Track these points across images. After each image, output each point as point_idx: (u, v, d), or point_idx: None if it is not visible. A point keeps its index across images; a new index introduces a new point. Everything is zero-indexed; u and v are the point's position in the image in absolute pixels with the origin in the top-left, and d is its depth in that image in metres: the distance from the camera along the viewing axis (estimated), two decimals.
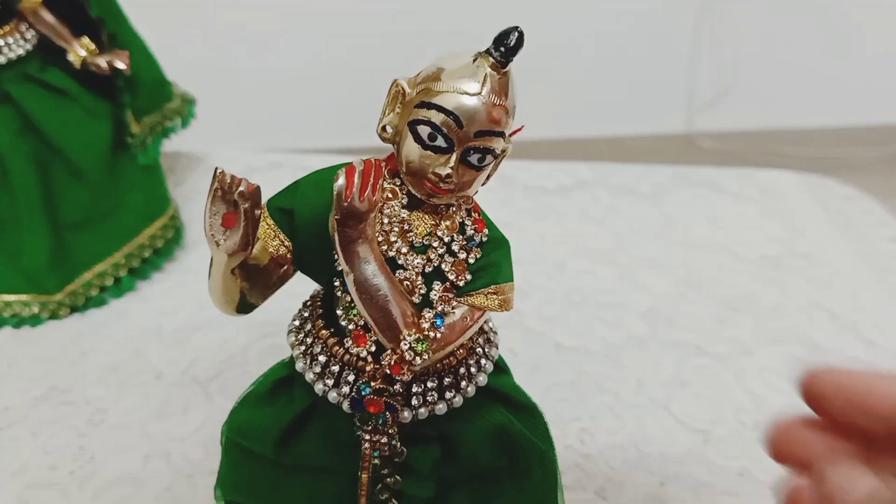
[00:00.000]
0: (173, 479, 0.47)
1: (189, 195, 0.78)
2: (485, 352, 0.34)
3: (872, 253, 0.73)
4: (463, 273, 0.31)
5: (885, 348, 0.61)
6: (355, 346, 0.31)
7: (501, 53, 0.27)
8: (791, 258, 0.72)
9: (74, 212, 0.62)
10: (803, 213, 0.79)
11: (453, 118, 0.27)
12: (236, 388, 0.37)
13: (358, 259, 0.29)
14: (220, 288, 0.30)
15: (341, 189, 0.27)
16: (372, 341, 0.31)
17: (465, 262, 0.31)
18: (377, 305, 0.29)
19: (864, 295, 0.67)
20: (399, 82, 0.29)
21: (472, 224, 0.31)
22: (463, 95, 0.27)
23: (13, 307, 0.61)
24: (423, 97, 0.28)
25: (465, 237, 0.31)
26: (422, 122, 0.28)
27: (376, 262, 0.29)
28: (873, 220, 0.79)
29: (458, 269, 0.31)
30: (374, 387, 0.31)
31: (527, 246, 0.73)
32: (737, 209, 0.80)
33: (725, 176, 0.84)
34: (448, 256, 0.31)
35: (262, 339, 0.59)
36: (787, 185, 0.84)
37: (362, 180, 0.27)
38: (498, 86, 0.28)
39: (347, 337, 0.31)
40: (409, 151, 0.29)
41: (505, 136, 0.29)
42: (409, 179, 0.29)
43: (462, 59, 0.28)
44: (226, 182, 0.27)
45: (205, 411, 0.52)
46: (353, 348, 0.31)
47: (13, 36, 0.57)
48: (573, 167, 0.87)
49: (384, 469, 0.33)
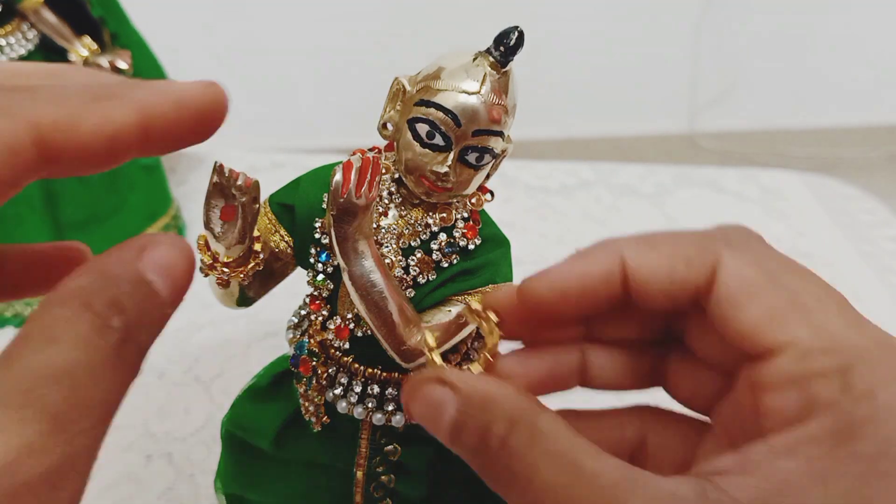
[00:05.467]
0: (175, 478, 0.47)
1: (191, 195, 0.78)
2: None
3: (874, 253, 0.73)
4: (428, 271, 0.31)
5: None
6: (336, 337, 0.31)
7: (501, 53, 0.27)
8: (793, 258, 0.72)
9: (76, 211, 0.62)
10: (805, 213, 0.79)
11: (452, 117, 0.27)
12: (238, 387, 0.37)
13: (354, 255, 0.29)
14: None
15: (338, 185, 0.27)
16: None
17: (434, 262, 0.31)
18: (373, 301, 0.29)
19: (866, 295, 0.67)
20: (400, 80, 0.29)
21: (462, 227, 0.31)
22: (462, 94, 0.27)
23: (15, 307, 0.61)
24: (423, 95, 0.28)
25: (448, 239, 0.31)
26: (420, 120, 0.28)
27: (373, 258, 0.29)
28: (875, 220, 0.78)
29: (423, 266, 0.30)
30: (310, 346, 0.31)
31: (529, 246, 0.73)
32: (739, 209, 0.80)
33: (727, 176, 0.84)
34: (420, 251, 0.31)
35: (265, 339, 0.59)
36: (789, 184, 0.84)
37: (359, 176, 0.28)
38: (498, 85, 0.28)
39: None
40: (407, 149, 0.29)
41: (504, 136, 0.29)
42: (407, 177, 0.30)
43: (462, 59, 0.28)
44: (224, 175, 0.27)
45: (207, 411, 0.52)
46: (332, 338, 0.31)
47: (14, 35, 0.57)
48: (575, 167, 0.87)
49: (379, 467, 0.33)
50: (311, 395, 0.32)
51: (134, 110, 0.21)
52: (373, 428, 0.33)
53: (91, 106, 0.20)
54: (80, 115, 0.20)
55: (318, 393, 0.32)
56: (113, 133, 0.20)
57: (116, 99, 0.21)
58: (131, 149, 0.21)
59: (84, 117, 0.20)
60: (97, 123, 0.20)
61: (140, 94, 0.21)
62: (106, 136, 0.20)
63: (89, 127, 0.20)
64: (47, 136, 0.19)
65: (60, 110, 0.20)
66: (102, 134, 0.20)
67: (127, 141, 0.21)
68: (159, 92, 0.22)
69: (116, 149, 0.21)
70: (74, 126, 0.20)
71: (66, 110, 0.20)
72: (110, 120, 0.20)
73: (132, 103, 0.21)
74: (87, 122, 0.20)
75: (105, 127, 0.20)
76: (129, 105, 0.21)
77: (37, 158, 0.19)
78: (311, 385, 0.32)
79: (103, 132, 0.20)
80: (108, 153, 0.21)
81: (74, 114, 0.20)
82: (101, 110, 0.20)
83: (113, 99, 0.21)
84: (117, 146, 0.21)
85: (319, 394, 0.32)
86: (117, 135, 0.20)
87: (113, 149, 0.21)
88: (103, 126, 0.20)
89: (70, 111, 0.20)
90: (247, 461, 0.36)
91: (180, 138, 0.22)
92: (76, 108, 0.20)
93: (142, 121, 0.21)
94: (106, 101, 0.20)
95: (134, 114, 0.21)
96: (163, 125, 0.21)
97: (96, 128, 0.20)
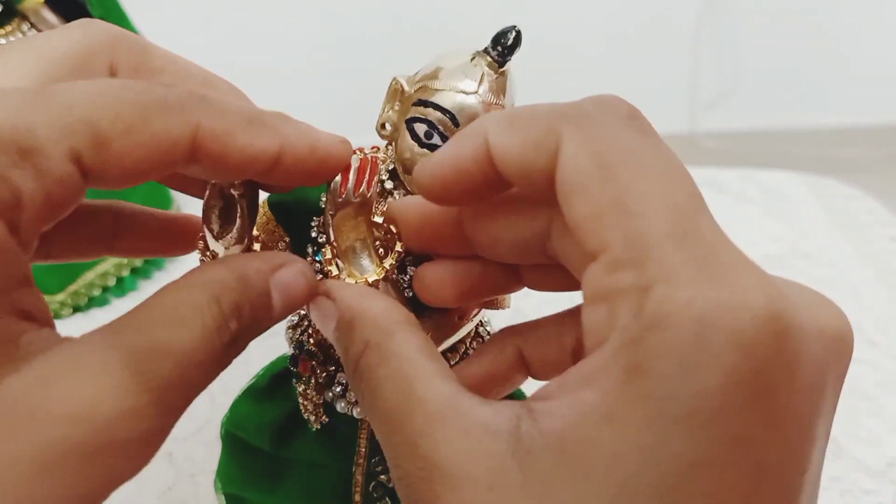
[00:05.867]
0: (175, 478, 0.47)
1: None
2: None
3: (874, 253, 0.73)
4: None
5: (888, 348, 0.60)
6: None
7: (499, 52, 0.27)
8: (793, 258, 0.72)
9: None
10: (805, 213, 0.79)
11: (450, 116, 0.27)
12: (239, 388, 0.37)
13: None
14: None
15: (336, 184, 0.27)
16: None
17: None
18: None
19: (866, 295, 0.67)
20: (398, 80, 0.29)
21: None
22: (460, 94, 0.27)
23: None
24: (421, 95, 0.28)
25: None
26: (418, 120, 0.28)
27: None
28: (876, 220, 0.78)
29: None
30: (309, 346, 0.31)
31: None
32: (739, 209, 0.80)
33: (727, 176, 0.84)
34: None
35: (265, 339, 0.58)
36: (789, 185, 0.84)
37: (357, 176, 0.28)
38: (496, 85, 0.28)
39: None
40: (405, 149, 0.29)
41: None
42: (406, 177, 0.30)
43: (460, 58, 0.28)
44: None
45: (207, 411, 0.52)
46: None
47: (15, 36, 0.57)
48: None
49: (378, 467, 0.33)
50: (310, 395, 0.33)
51: (278, 143, 0.23)
52: (372, 428, 0.33)
53: (245, 127, 0.22)
54: (234, 133, 0.22)
55: (317, 392, 0.32)
56: (254, 155, 0.22)
57: (267, 128, 0.23)
58: (262, 174, 0.23)
59: (237, 135, 0.22)
60: (246, 144, 0.22)
61: (287, 130, 0.23)
62: (248, 156, 0.22)
63: (239, 144, 0.22)
64: (203, 141, 0.22)
65: (221, 124, 0.22)
66: (246, 153, 0.22)
67: (262, 166, 0.23)
68: (302, 133, 0.24)
69: (250, 169, 0.23)
70: (229, 140, 0.22)
71: (225, 125, 0.22)
72: (257, 144, 0.22)
73: (278, 136, 0.23)
74: (239, 140, 0.22)
75: (250, 149, 0.22)
76: (276, 137, 0.23)
77: (187, 157, 0.22)
78: (310, 384, 0.32)
79: (247, 152, 0.22)
80: (240, 170, 0.23)
81: (230, 130, 0.22)
82: (252, 132, 0.22)
83: (264, 127, 0.23)
84: (253, 167, 0.23)
85: (318, 393, 0.32)
86: (257, 158, 0.23)
87: (246, 168, 0.23)
88: (249, 148, 0.22)
89: (227, 127, 0.22)
90: (246, 461, 0.36)
91: (297, 178, 0.25)
92: (233, 125, 0.22)
93: (280, 153, 0.23)
94: (259, 127, 0.23)
95: (276, 146, 0.23)
96: (292, 163, 0.23)
97: (244, 147, 0.22)
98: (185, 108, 0.21)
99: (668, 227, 0.18)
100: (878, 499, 0.48)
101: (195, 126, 0.21)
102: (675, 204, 0.19)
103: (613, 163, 0.19)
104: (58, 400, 0.18)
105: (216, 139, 0.22)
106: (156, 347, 0.19)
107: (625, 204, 0.18)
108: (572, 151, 0.19)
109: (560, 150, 0.20)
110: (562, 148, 0.20)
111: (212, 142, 0.22)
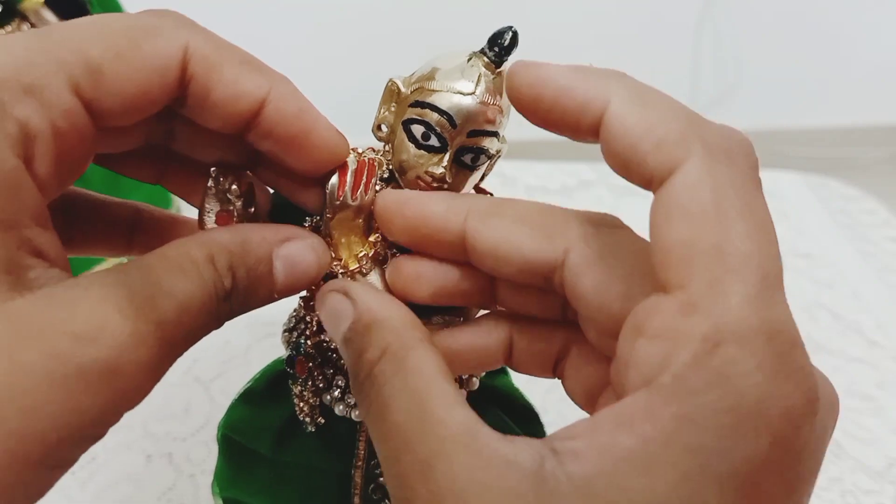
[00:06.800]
0: (175, 479, 0.47)
1: None
2: None
3: (875, 253, 0.73)
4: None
5: (888, 348, 0.60)
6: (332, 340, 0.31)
7: (496, 53, 0.27)
8: (793, 258, 0.72)
9: None
10: (805, 214, 0.79)
11: (447, 118, 0.27)
12: (238, 388, 0.37)
13: None
14: None
15: (334, 187, 0.27)
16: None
17: None
18: None
19: (866, 295, 0.67)
20: (394, 81, 0.29)
21: None
22: (457, 95, 0.27)
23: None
24: (418, 96, 0.28)
25: None
26: (415, 122, 0.28)
27: None
28: (876, 221, 0.78)
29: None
30: (306, 348, 0.31)
31: None
32: None
33: None
34: None
35: (265, 340, 0.59)
36: (789, 185, 0.84)
37: (355, 178, 0.28)
38: (493, 86, 0.28)
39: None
40: (402, 150, 0.29)
41: (499, 136, 0.29)
42: (402, 178, 0.30)
43: (457, 59, 0.28)
44: (219, 181, 0.27)
45: (207, 411, 0.52)
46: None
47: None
48: (575, 167, 0.87)
49: (377, 469, 0.33)
50: (306, 396, 0.32)
51: (266, 89, 0.23)
52: (372, 436, 0.33)
53: (237, 64, 0.23)
54: (224, 66, 0.23)
55: (313, 394, 0.32)
56: (239, 93, 0.23)
57: (260, 73, 0.23)
58: (243, 124, 0.23)
59: (226, 69, 0.23)
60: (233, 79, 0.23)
61: (281, 86, 0.24)
62: (233, 92, 0.23)
63: (226, 78, 0.23)
64: (194, 67, 0.22)
65: (212, 52, 0.22)
66: (230, 89, 0.23)
67: (246, 108, 0.23)
68: (295, 96, 0.24)
69: (234, 111, 0.23)
70: (217, 72, 0.22)
71: (217, 56, 0.22)
72: (244, 82, 0.23)
73: (268, 84, 0.23)
74: (227, 74, 0.23)
75: (236, 85, 0.23)
76: (265, 84, 0.23)
77: (178, 82, 0.22)
78: (306, 386, 0.32)
79: (232, 88, 0.23)
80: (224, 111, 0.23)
81: (221, 62, 0.23)
82: (243, 71, 0.23)
83: (257, 72, 0.23)
84: (236, 107, 0.23)
85: (314, 395, 0.32)
86: (241, 97, 0.23)
87: (230, 108, 0.23)
88: (235, 84, 0.23)
89: (219, 58, 0.22)
90: (244, 464, 0.36)
91: (280, 144, 0.25)
92: (225, 59, 0.23)
93: (265, 100, 0.23)
94: (251, 70, 0.23)
95: (263, 91, 0.23)
96: (277, 119, 0.24)
97: (231, 81, 0.23)
98: (175, 31, 0.22)
99: (754, 293, 0.18)
100: (879, 499, 0.48)
101: (184, 46, 0.22)
102: (765, 274, 0.19)
103: (732, 209, 0.19)
104: (65, 319, 0.19)
105: (206, 65, 0.22)
106: (157, 289, 0.21)
107: (726, 254, 0.19)
108: (696, 176, 0.19)
109: (682, 167, 0.20)
110: (685, 166, 0.20)
111: (201, 68, 0.22)
